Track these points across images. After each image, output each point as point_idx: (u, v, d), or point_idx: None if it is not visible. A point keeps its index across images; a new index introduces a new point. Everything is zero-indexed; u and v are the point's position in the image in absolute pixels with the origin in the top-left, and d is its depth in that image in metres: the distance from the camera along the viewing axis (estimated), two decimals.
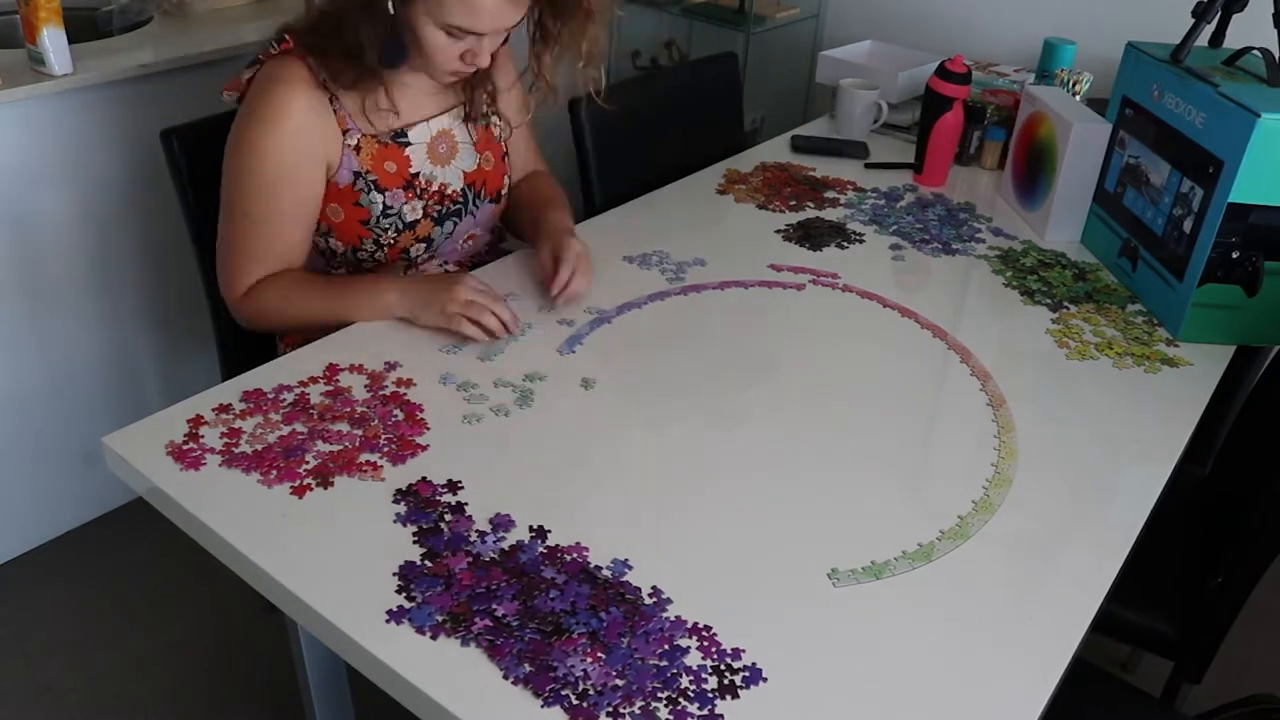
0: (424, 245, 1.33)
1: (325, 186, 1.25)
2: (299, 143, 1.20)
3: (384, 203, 1.27)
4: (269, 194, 1.21)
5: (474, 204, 1.37)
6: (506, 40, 1.25)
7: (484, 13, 1.15)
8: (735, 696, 0.78)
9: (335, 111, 1.23)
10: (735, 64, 2.03)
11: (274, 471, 0.97)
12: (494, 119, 1.39)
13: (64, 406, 1.90)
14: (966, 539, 0.96)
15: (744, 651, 0.82)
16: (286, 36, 1.22)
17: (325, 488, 0.96)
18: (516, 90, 1.43)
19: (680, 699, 0.78)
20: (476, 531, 0.92)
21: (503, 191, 1.42)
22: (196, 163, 1.38)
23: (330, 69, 1.21)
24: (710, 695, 0.78)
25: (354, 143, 1.24)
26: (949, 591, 0.90)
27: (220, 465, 0.98)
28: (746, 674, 0.80)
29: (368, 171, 1.26)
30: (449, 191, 1.33)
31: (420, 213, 1.30)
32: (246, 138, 1.20)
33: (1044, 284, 1.46)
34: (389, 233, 1.29)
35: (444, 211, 1.33)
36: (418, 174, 1.29)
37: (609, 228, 1.55)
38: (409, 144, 1.29)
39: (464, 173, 1.35)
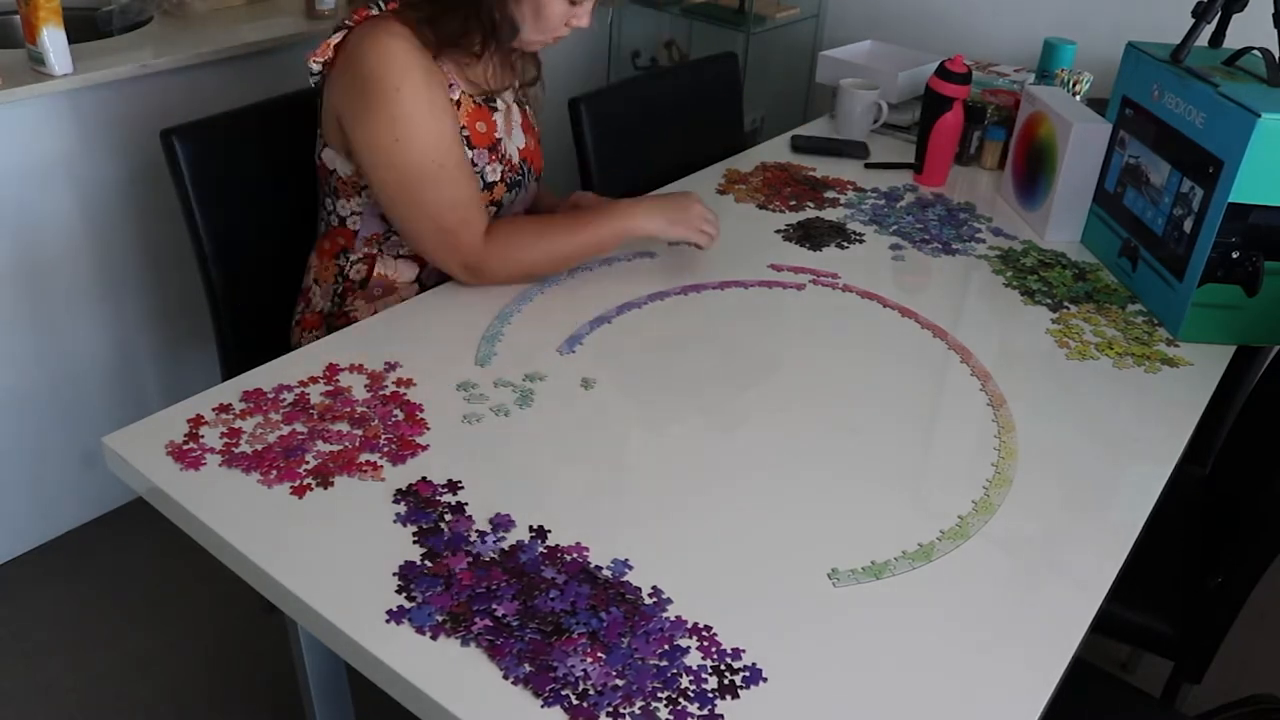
0: (495, 210, 1.35)
1: None
2: (439, 87, 1.22)
3: (473, 159, 1.29)
4: (445, 138, 1.22)
5: (528, 179, 1.40)
6: None
7: None
8: (735, 696, 0.78)
9: (440, 69, 1.24)
10: (735, 64, 2.03)
11: (274, 471, 0.97)
12: (528, 106, 1.43)
13: (64, 406, 1.90)
14: (967, 539, 0.96)
15: (744, 651, 0.82)
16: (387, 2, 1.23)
17: (325, 488, 0.96)
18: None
19: (680, 699, 0.78)
20: (476, 531, 0.92)
21: (541, 174, 1.45)
22: (196, 162, 1.38)
23: (433, 40, 1.21)
24: (710, 695, 0.78)
25: (456, 97, 1.26)
26: (949, 592, 0.90)
27: (220, 465, 0.98)
28: (746, 674, 0.80)
29: (463, 127, 1.27)
30: (513, 162, 1.36)
31: (499, 176, 1.33)
32: (393, 98, 1.18)
33: (1044, 284, 1.46)
34: None
35: (514, 180, 1.36)
36: (500, 139, 1.33)
37: None
38: (496, 109, 1.32)
39: (519, 148, 1.38)
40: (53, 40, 1.63)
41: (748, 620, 0.85)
